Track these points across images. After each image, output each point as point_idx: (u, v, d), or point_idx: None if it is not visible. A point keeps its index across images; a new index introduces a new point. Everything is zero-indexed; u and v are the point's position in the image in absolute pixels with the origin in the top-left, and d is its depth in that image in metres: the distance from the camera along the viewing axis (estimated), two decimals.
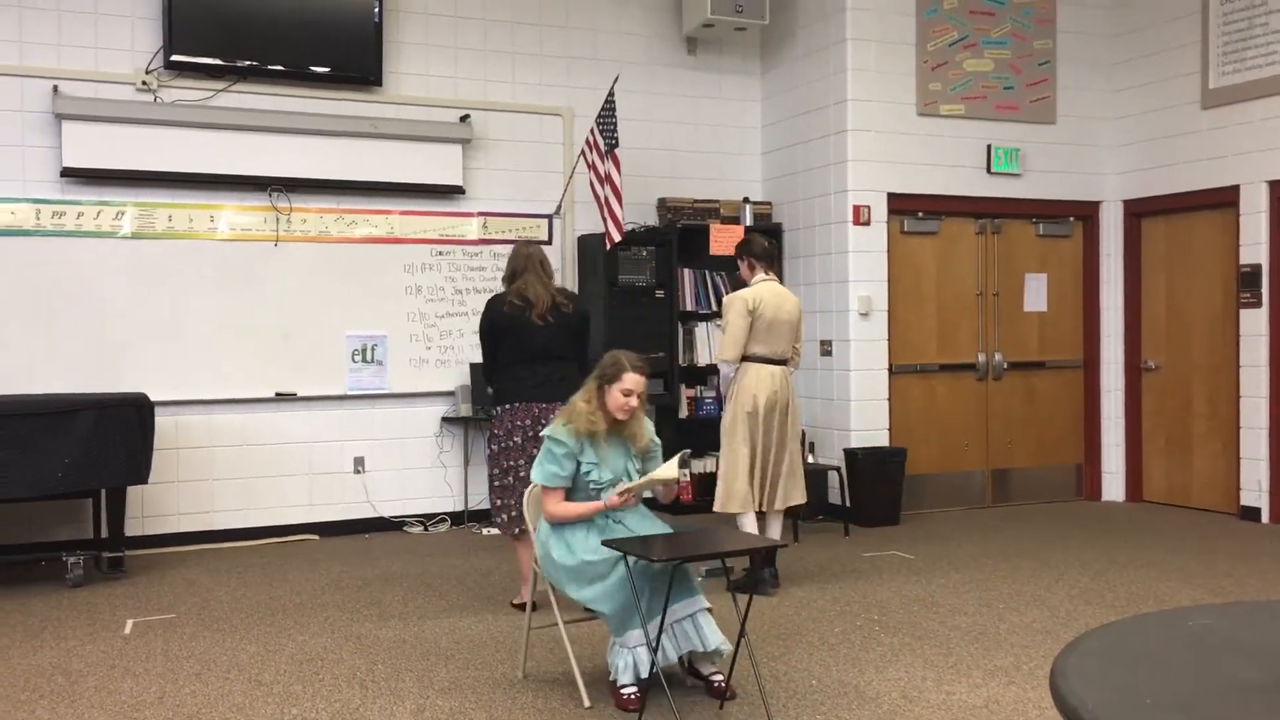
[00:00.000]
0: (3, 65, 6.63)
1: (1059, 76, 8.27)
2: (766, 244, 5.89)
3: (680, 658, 4.05)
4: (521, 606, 5.17)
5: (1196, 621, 2.11)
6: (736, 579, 5.69)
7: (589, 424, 4.08)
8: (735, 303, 5.67)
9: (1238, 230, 7.56)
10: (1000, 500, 8.31)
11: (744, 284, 5.85)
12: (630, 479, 4.13)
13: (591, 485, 4.11)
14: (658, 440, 4.33)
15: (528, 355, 5.28)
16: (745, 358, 5.68)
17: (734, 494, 5.65)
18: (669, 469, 4.04)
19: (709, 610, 4.01)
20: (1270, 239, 7.36)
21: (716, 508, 5.74)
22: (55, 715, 3.95)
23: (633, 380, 4.07)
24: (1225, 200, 7.64)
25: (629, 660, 3.88)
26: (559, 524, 4.11)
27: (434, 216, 7.59)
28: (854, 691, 4.13)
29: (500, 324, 5.30)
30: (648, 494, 4.26)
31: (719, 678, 4.02)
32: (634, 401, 4.09)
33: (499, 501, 5.29)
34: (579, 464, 4.10)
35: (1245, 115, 7.47)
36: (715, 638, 3.97)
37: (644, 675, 3.85)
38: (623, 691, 3.90)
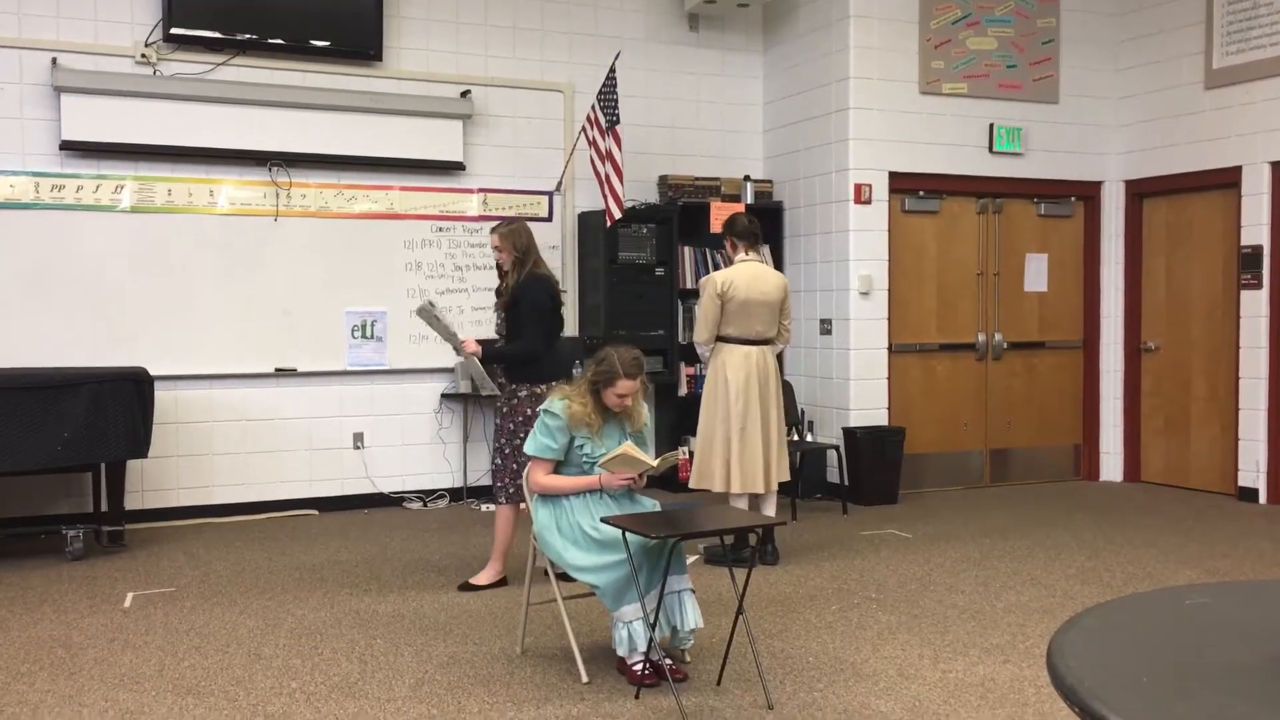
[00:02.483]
0: (1, 37, 6.60)
1: (1062, 55, 8.23)
2: (749, 223, 5.87)
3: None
4: (475, 588, 5.26)
5: (1193, 601, 2.11)
6: (712, 549, 5.74)
7: (585, 422, 4.10)
8: (707, 285, 5.74)
9: (1239, 211, 7.54)
10: (998, 480, 8.32)
11: (732, 262, 5.86)
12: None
13: (585, 459, 4.12)
14: (649, 425, 4.35)
15: (557, 333, 5.40)
16: (721, 338, 5.72)
17: (709, 472, 5.69)
18: (652, 461, 4.03)
19: (692, 591, 4.04)
20: (1272, 220, 7.34)
21: (692, 484, 5.80)
22: (55, 687, 3.97)
23: (626, 386, 4.07)
24: (1227, 181, 7.62)
25: (624, 634, 3.90)
26: (548, 495, 4.13)
27: (434, 193, 7.57)
28: (850, 669, 4.14)
29: (557, 301, 5.38)
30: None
31: (669, 663, 3.99)
32: (629, 401, 4.12)
33: (509, 478, 5.28)
34: (573, 438, 4.12)
35: (1248, 96, 7.44)
36: (694, 617, 4.00)
37: (640, 648, 3.87)
38: (635, 667, 3.91)
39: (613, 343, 4.31)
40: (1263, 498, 7.40)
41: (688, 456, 7.44)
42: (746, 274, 5.72)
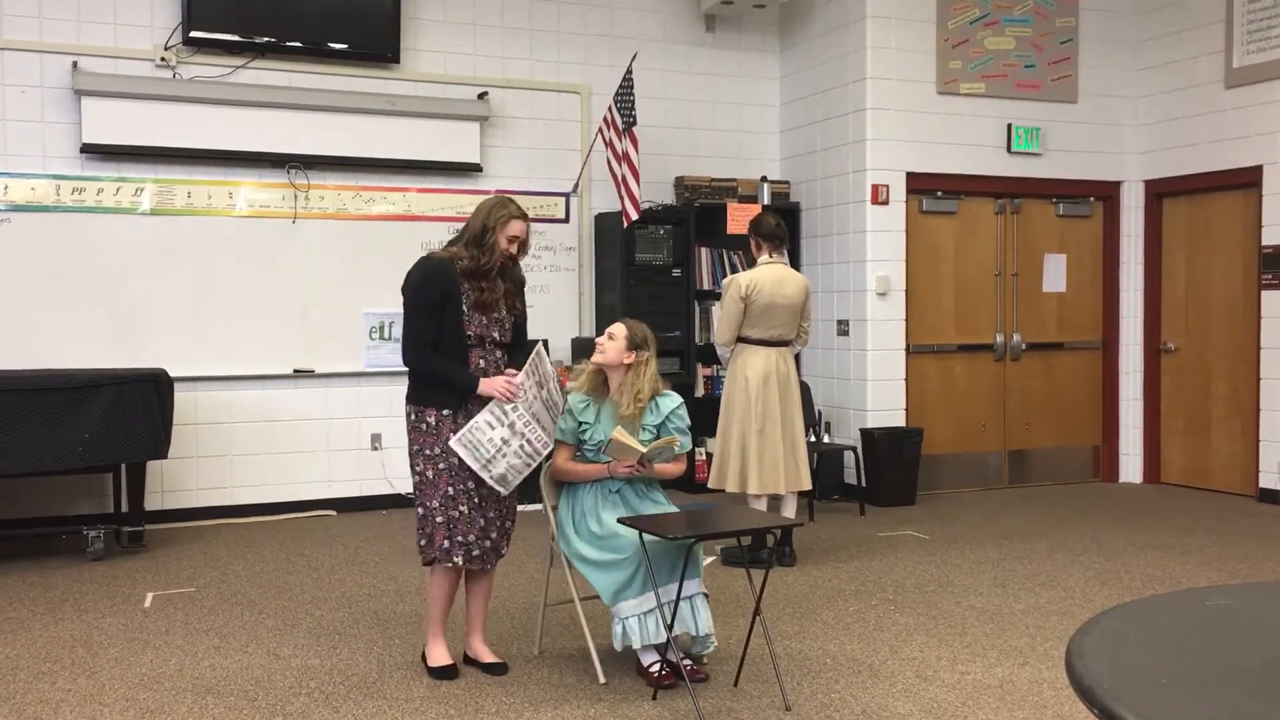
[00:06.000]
0: (23, 41, 6.65)
1: (1081, 54, 8.19)
2: (776, 224, 5.88)
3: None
4: (447, 670, 4.08)
5: (1213, 602, 2.10)
6: (729, 550, 5.73)
7: (590, 388, 4.26)
8: (730, 286, 5.73)
9: (1260, 211, 7.49)
10: (1017, 481, 8.29)
11: (755, 262, 5.86)
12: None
13: (586, 447, 4.17)
14: (677, 421, 4.31)
15: None
16: (741, 339, 5.72)
17: (727, 473, 5.69)
18: (642, 448, 4.02)
19: (705, 596, 4.03)
20: None
21: (711, 485, 5.80)
22: (76, 686, 4.00)
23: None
24: (1248, 180, 7.57)
25: (619, 630, 3.90)
26: (569, 484, 4.21)
27: (451, 194, 7.58)
28: (868, 670, 4.13)
29: None
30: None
31: (687, 664, 3.98)
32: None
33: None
34: (580, 423, 4.20)
35: (1269, 94, 7.39)
36: (706, 624, 3.99)
37: (635, 645, 3.89)
38: (651, 668, 3.91)
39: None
40: None
41: (705, 457, 7.45)
42: (770, 276, 5.72)
